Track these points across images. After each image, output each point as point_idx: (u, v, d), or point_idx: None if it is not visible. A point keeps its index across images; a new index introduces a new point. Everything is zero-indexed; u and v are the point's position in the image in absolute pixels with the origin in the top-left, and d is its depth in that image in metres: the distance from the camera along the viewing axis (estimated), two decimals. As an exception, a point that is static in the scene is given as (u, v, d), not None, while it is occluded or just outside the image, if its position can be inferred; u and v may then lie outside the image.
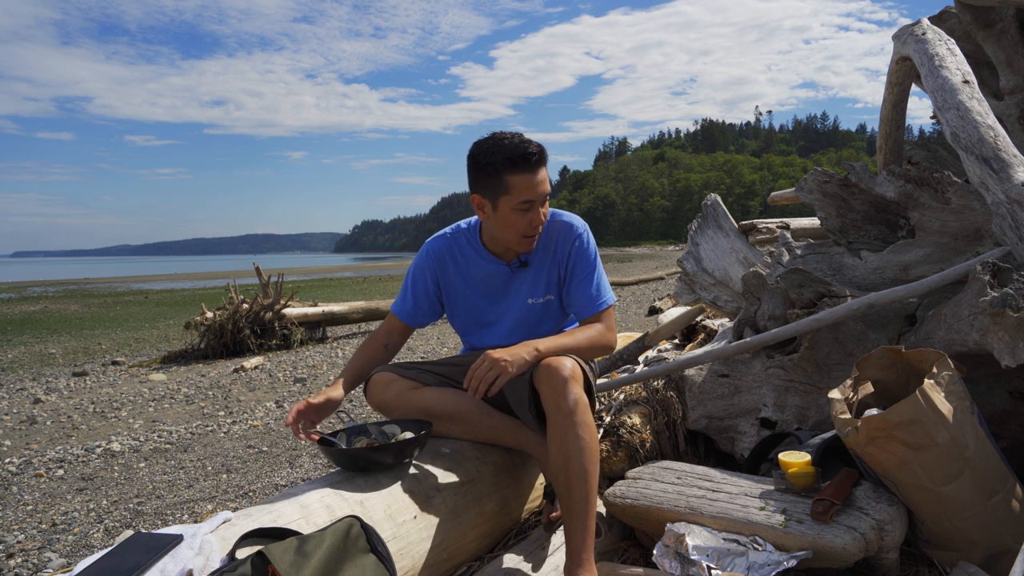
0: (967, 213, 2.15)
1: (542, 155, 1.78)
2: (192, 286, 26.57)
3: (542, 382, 1.68)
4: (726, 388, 2.45)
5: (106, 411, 5.35)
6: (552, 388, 1.66)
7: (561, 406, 1.65)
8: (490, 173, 1.77)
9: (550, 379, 1.66)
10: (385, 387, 1.92)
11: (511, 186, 1.75)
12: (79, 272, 54.28)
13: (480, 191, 1.82)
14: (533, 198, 1.78)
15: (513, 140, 1.76)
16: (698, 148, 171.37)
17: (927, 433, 1.56)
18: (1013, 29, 3.04)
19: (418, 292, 2.03)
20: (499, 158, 1.74)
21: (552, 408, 1.66)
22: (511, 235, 1.84)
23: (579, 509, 1.60)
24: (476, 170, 1.81)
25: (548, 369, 1.68)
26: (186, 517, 2.93)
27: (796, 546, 1.58)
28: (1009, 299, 1.69)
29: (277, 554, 1.19)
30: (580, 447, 1.63)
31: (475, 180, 1.82)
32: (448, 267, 2.01)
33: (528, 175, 1.76)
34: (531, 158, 1.75)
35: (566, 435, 1.63)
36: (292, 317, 8.67)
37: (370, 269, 45.67)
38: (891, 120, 3.27)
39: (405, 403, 1.90)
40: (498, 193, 1.78)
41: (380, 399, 1.93)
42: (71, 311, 16.08)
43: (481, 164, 1.78)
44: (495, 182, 1.77)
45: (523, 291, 1.98)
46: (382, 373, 1.96)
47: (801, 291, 2.32)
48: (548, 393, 1.67)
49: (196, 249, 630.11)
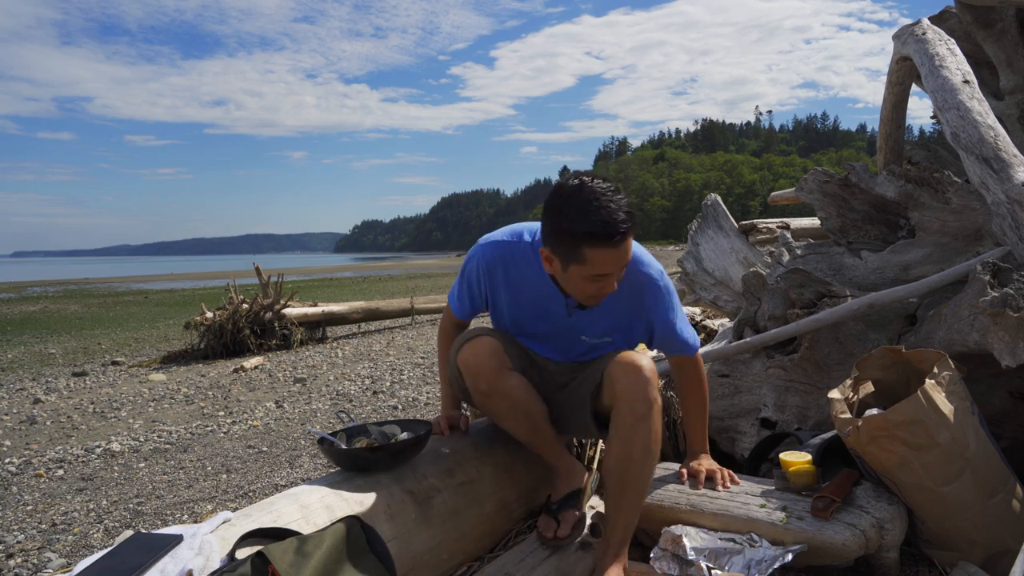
0: (967, 213, 2.15)
1: (631, 227, 1.51)
2: (192, 286, 26.56)
3: (618, 378, 1.63)
4: (726, 388, 2.45)
5: (106, 411, 5.35)
6: (628, 386, 1.61)
7: (636, 407, 1.60)
8: (566, 239, 1.51)
9: (627, 376, 1.61)
10: (490, 355, 1.73)
11: (588, 259, 1.51)
12: (79, 272, 54.29)
13: (551, 248, 1.58)
14: (610, 272, 1.55)
15: (602, 207, 1.47)
16: (698, 148, 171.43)
17: (928, 433, 1.56)
18: (1013, 29, 3.04)
19: (474, 296, 1.89)
20: (581, 229, 1.48)
21: (625, 407, 1.61)
22: (576, 293, 1.64)
23: (628, 510, 1.63)
24: (551, 227, 1.55)
25: (626, 366, 1.62)
26: (186, 517, 2.93)
27: (795, 542, 1.58)
28: (1009, 299, 1.69)
29: (277, 554, 1.19)
30: (645, 454, 1.62)
31: (548, 234, 1.58)
32: (498, 277, 1.81)
33: (611, 251, 1.50)
34: (619, 235, 1.48)
35: (633, 437, 1.60)
36: (292, 317, 8.66)
37: (370, 269, 45.68)
38: (891, 120, 3.27)
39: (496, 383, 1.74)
40: (571, 260, 1.54)
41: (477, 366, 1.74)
42: (71, 311, 16.08)
43: (558, 226, 1.53)
44: (570, 250, 1.52)
45: (577, 327, 1.81)
46: (491, 340, 1.75)
47: (801, 291, 2.32)
48: (623, 390, 1.61)
49: (196, 249, 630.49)
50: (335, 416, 4.63)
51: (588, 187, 1.50)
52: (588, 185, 1.50)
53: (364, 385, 5.77)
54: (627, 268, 1.66)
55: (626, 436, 1.62)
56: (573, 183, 1.53)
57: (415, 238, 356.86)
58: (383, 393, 5.37)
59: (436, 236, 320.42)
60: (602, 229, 1.47)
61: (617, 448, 1.63)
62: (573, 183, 1.53)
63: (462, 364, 1.76)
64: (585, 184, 1.51)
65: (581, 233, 1.48)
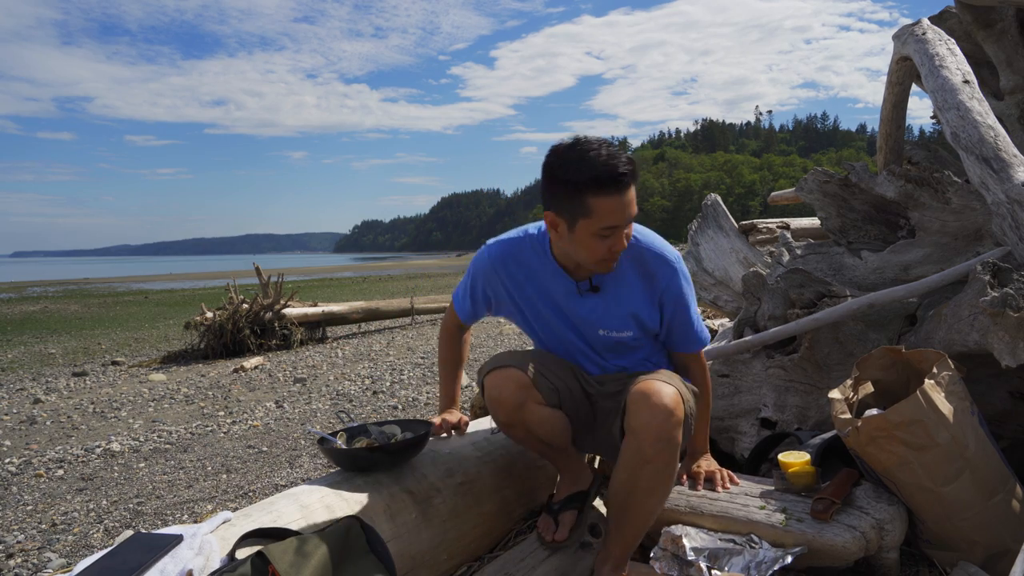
0: (967, 213, 2.15)
1: (634, 173, 1.51)
2: (192, 286, 26.56)
3: (636, 411, 1.53)
4: (726, 388, 2.45)
5: (106, 411, 5.35)
6: (645, 423, 1.51)
7: (645, 450, 1.51)
8: (570, 192, 1.49)
9: (647, 410, 1.51)
10: (515, 390, 1.68)
11: (593, 210, 1.49)
12: (79, 272, 54.27)
13: (555, 208, 1.55)
14: (618, 223, 1.52)
15: (601, 154, 1.47)
16: (698, 148, 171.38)
17: (928, 433, 1.56)
18: (1013, 29, 3.04)
19: (476, 297, 1.86)
20: (584, 177, 1.46)
21: (634, 443, 1.53)
22: (586, 257, 1.60)
23: (630, 534, 1.62)
24: (552, 184, 1.54)
25: (646, 397, 1.52)
26: (186, 517, 2.93)
27: (794, 544, 1.58)
28: (1009, 299, 1.69)
29: (277, 554, 1.19)
30: (649, 492, 1.55)
31: (550, 195, 1.56)
32: (503, 272, 1.77)
33: (616, 198, 1.48)
34: (622, 179, 1.47)
35: (639, 475, 1.53)
36: (292, 317, 8.66)
37: (370, 269, 45.68)
38: (891, 120, 3.27)
39: (517, 416, 1.70)
40: (577, 216, 1.51)
41: (499, 399, 1.69)
42: (71, 311, 16.08)
43: (560, 179, 1.51)
44: (575, 203, 1.50)
45: (593, 319, 1.74)
46: (517, 373, 1.69)
47: (801, 291, 2.32)
48: (639, 426, 1.52)
49: (196, 249, 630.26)
50: (335, 416, 4.63)
51: (584, 139, 1.52)
52: (584, 138, 1.52)
53: (364, 385, 5.77)
54: (641, 250, 1.67)
55: (630, 473, 1.55)
56: (567, 139, 1.54)
57: (415, 238, 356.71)
58: (383, 393, 5.37)
59: (436, 236, 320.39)
60: (605, 173, 1.46)
61: (623, 478, 1.57)
62: (567, 139, 1.54)
63: (486, 393, 1.73)
64: (580, 138, 1.53)
65: (585, 181, 1.47)
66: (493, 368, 1.74)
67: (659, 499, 1.61)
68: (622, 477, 1.57)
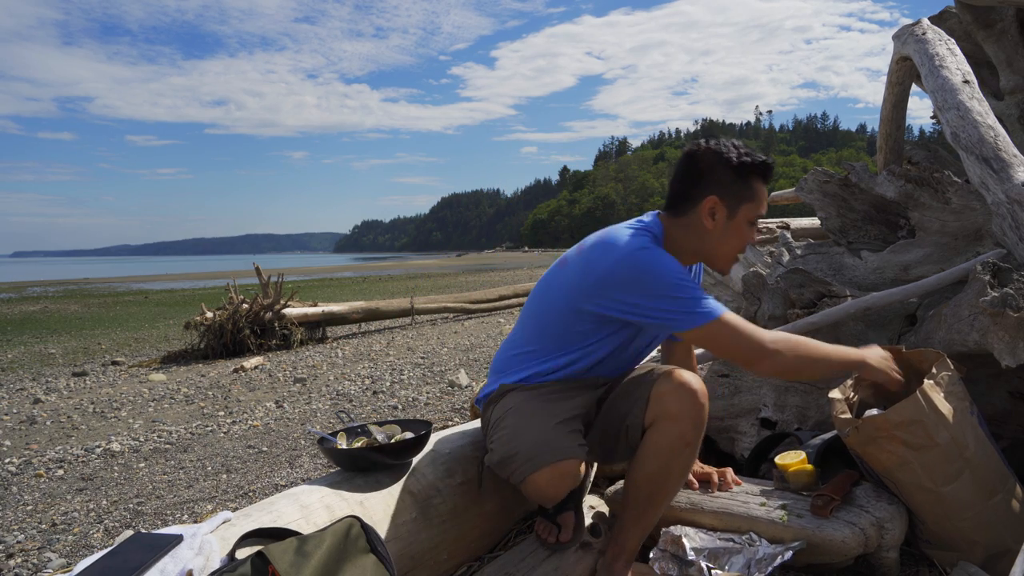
0: (967, 213, 2.15)
1: None
2: (192, 286, 26.56)
3: (670, 400, 1.55)
4: (726, 388, 2.45)
5: (106, 411, 5.35)
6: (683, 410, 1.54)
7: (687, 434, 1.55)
8: (743, 174, 1.58)
9: (685, 399, 1.55)
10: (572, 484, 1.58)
11: (756, 195, 1.60)
12: (79, 272, 54.28)
13: (721, 192, 1.58)
14: (763, 213, 1.65)
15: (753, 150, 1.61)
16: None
17: (927, 433, 1.56)
18: (1013, 29, 3.04)
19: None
20: (755, 161, 1.58)
21: (675, 429, 1.55)
22: (728, 249, 1.64)
23: (648, 524, 1.63)
24: (726, 168, 1.58)
25: (680, 387, 1.56)
26: (186, 517, 2.93)
27: (794, 539, 1.59)
28: (1009, 299, 1.69)
29: (277, 554, 1.19)
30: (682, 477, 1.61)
31: (720, 180, 1.58)
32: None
33: (765, 188, 1.63)
34: (771, 171, 1.63)
35: (674, 461, 1.57)
36: (292, 317, 8.66)
37: (370, 269, 45.69)
38: (891, 120, 3.27)
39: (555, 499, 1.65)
40: (742, 199, 1.59)
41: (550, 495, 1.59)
42: (71, 311, 16.08)
43: (731, 164, 1.57)
44: (744, 186, 1.59)
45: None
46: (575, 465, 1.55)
47: (801, 291, 2.32)
48: (677, 412, 1.54)
49: (196, 249, 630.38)
50: (335, 416, 4.63)
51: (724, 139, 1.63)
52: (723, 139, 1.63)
53: (364, 385, 5.77)
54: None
55: (668, 459, 1.57)
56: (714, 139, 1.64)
57: (415, 238, 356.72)
58: (383, 393, 5.37)
59: (436, 236, 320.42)
60: (765, 163, 1.60)
61: (653, 468, 1.57)
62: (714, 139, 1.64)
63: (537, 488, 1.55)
64: (720, 139, 1.64)
65: (756, 164, 1.58)
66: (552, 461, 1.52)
67: (682, 484, 1.67)
68: (652, 468, 1.58)
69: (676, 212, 1.65)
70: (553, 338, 1.69)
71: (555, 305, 1.68)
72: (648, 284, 1.52)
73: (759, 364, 1.55)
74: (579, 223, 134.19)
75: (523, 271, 27.55)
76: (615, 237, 1.60)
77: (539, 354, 1.70)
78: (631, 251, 1.55)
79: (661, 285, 1.52)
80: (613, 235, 1.61)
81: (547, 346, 1.70)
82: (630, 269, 1.53)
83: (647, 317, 1.56)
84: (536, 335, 1.73)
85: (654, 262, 1.53)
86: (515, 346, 1.77)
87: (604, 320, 1.62)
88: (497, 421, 1.66)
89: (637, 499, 1.62)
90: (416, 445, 1.73)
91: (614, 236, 1.60)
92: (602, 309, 1.59)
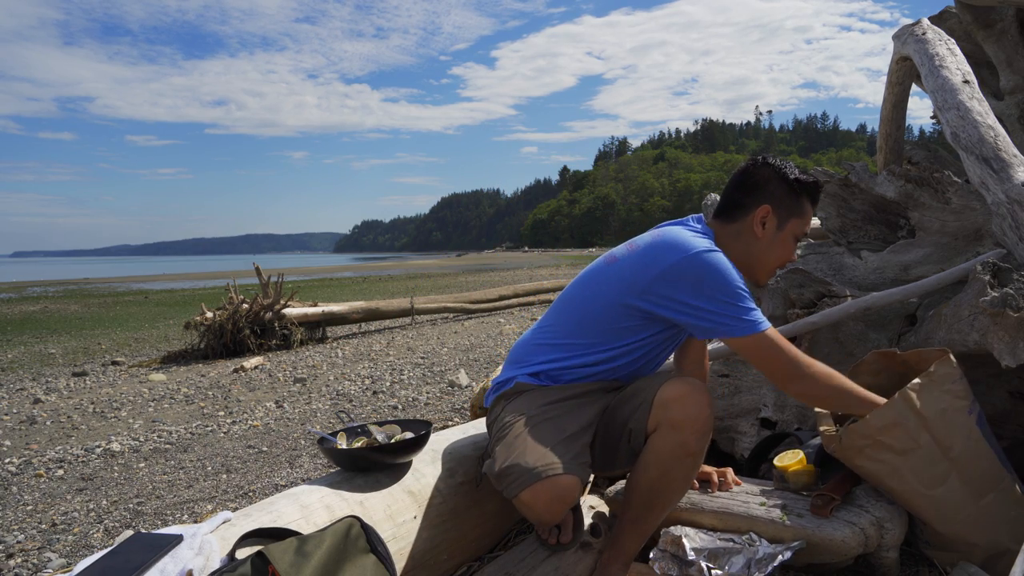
0: (967, 213, 2.15)
1: None
2: (192, 286, 26.55)
3: (674, 407, 1.53)
4: (726, 388, 2.45)
5: (106, 411, 5.35)
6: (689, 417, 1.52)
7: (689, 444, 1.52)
8: (796, 190, 1.69)
9: (691, 406, 1.52)
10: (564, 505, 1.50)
11: (804, 211, 1.71)
12: (79, 272, 54.26)
13: (775, 204, 1.68)
14: (807, 233, 1.77)
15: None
16: (698, 148, 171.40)
17: (909, 435, 1.55)
18: (1013, 29, 3.04)
19: None
20: (808, 181, 1.70)
21: (677, 437, 1.52)
22: (772, 259, 1.73)
23: (648, 527, 1.63)
24: (781, 182, 1.69)
25: (685, 394, 1.54)
26: (186, 517, 2.93)
27: (793, 538, 1.59)
28: (1009, 299, 1.69)
29: (277, 554, 1.19)
30: (684, 485, 1.60)
31: (776, 192, 1.69)
32: None
33: (812, 209, 1.74)
34: (820, 192, 1.76)
35: (676, 469, 1.55)
36: (292, 317, 8.66)
37: (370, 269, 45.69)
38: (891, 120, 3.27)
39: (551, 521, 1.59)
40: (792, 213, 1.70)
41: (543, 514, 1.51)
42: (71, 311, 16.08)
43: (789, 180, 1.69)
44: (795, 202, 1.70)
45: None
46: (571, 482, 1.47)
47: (801, 291, 2.32)
48: (682, 420, 1.52)
49: (196, 249, 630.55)
50: (335, 416, 4.63)
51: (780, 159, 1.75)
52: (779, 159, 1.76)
53: (364, 385, 5.77)
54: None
55: (669, 467, 1.55)
56: (773, 156, 1.76)
57: (415, 238, 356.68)
58: (383, 393, 5.37)
59: (436, 236, 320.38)
60: (816, 186, 1.73)
61: (654, 475, 1.56)
62: (773, 156, 1.76)
63: (528, 506, 1.48)
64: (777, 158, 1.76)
65: (808, 184, 1.70)
66: (544, 477, 1.45)
67: (684, 492, 1.66)
68: (653, 474, 1.56)
69: (728, 219, 1.73)
70: (594, 332, 1.67)
71: (601, 299, 1.66)
72: (709, 286, 1.53)
73: (792, 384, 1.57)
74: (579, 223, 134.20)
75: (523, 271, 27.56)
76: (680, 236, 1.60)
77: (575, 348, 1.68)
78: (699, 251, 1.55)
79: (722, 289, 1.53)
80: (677, 235, 1.62)
81: (586, 340, 1.68)
82: (696, 268, 1.54)
83: (698, 319, 1.55)
84: (576, 328, 1.70)
85: (720, 265, 1.55)
86: (547, 336, 1.74)
87: (651, 319, 1.62)
88: (503, 427, 1.62)
89: (637, 504, 1.61)
90: (416, 445, 1.73)
91: (679, 235, 1.61)
92: (652, 306, 1.59)
